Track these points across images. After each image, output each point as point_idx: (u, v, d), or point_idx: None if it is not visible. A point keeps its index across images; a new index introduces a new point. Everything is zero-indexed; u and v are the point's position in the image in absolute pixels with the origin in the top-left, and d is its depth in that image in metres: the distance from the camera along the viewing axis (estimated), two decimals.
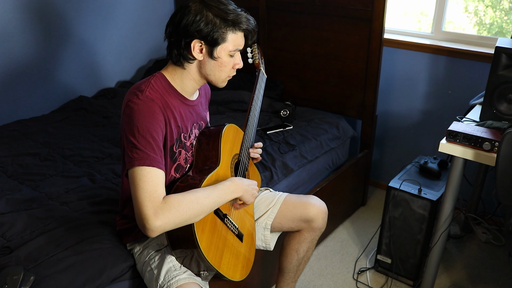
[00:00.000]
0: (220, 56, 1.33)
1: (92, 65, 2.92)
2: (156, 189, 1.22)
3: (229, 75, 1.40)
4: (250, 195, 1.45)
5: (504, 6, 2.54)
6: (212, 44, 1.30)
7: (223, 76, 1.39)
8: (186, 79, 1.38)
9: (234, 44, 1.33)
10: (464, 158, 1.68)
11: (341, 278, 2.23)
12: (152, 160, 1.23)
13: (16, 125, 2.44)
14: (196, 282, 1.35)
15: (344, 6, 2.51)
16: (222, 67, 1.35)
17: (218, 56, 1.33)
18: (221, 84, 1.41)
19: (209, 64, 1.34)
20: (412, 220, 2.07)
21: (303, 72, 2.82)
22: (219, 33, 1.29)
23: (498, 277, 2.24)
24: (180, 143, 1.40)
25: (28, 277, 1.27)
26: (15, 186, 1.84)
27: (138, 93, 1.29)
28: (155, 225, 1.18)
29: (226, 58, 1.34)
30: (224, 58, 1.34)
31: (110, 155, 2.15)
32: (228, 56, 1.34)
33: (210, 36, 1.29)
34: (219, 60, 1.34)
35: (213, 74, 1.36)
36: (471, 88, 2.45)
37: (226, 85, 1.43)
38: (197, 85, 1.41)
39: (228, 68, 1.37)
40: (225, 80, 1.40)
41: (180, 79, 1.38)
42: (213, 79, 1.38)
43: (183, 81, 1.38)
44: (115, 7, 2.94)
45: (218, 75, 1.37)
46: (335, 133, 2.52)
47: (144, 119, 1.25)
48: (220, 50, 1.32)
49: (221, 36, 1.30)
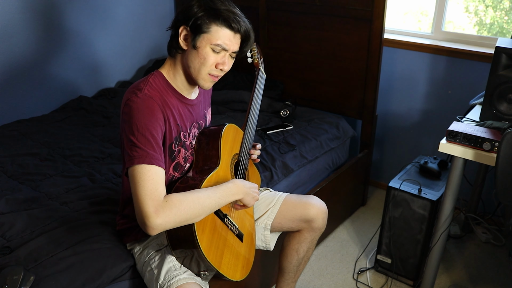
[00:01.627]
0: (200, 46, 1.30)
1: (92, 65, 2.92)
2: (157, 187, 1.22)
3: (210, 72, 1.33)
4: (251, 198, 1.45)
5: (505, 6, 2.54)
6: (195, 31, 1.29)
7: (203, 71, 1.33)
8: (178, 74, 1.38)
9: (217, 38, 1.29)
10: (464, 158, 1.68)
11: (341, 278, 2.23)
12: (152, 158, 1.23)
13: (16, 125, 2.44)
14: (196, 282, 1.35)
15: (344, 6, 2.51)
16: (201, 60, 1.30)
17: (199, 46, 1.30)
18: (202, 82, 1.35)
19: (191, 54, 1.32)
20: (412, 220, 2.07)
21: (303, 72, 2.82)
22: (203, 21, 1.28)
23: (498, 277, 2.24)
24: (179, 142, 1.40)
25: (28, 277, 1.27)
26: (15, 186, 1.84)
27: (137, 91, 1.29)
28: (156, 223, 1.18)
29: (207, 51, 1.30)
30: (205, 49, 1.30)
31: (110, 155, 2.15)
32: (210, 50, 1.30)
33: (194, 22, 1.28)
34: (199, 51, 1.30)
35: (192, 66, 1.32)
36: (471, 88, 2.45)
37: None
38: (189, 83, 1.40)
39: (209, 63, 1.31)
40: (205, 78, 1.34)
41: (175, 76, 1.38)
42: (192, 72, 1.33)
43: (177, 77, 1.38)
44: (115, 7, 2.94)
45: (197, 68, 1.32)
46: (335, 133, 2.52)
47: (143, 117, 1.25)
48: (201, 40, 1.29)
49: (205, 25, 1.28)
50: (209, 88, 1.41)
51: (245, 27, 1.33)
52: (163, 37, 3.32)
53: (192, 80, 1.38)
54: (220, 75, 1.37)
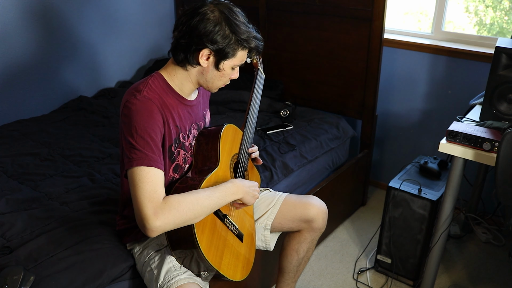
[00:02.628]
0: (224, 69, 1.36)
1: (92, 65, 2.92)
2: (156, 189, 1.22)
3: (224, 83, 1.43)
4: (251, 196, 1.45)
5: (505, 6, 2.54)
6: (222, 57, 1.33)
7: (220, 85, 1.43)
8: (185, 80, 1.38)
9: (240, 60, 1.38)
10: (464, 158, 1.68)
11: (341, 278, 2.23)
12: (151, 160, 1.24)
13: (16, 125, 2.44)
14: (196, 282, 1.35)
15: (344, 6, 2.51)
16: (222, 78, 1.39)
17: (223, 69, 1.36)
18: (214, 90, 1.45)
19: (211, 73, 1.36)
20: (412, 220, 2.07)
21: (303, 72, 2.82)
22: (231, 48, 1.32)
23: (498, 277, 2.24)
24: (178, 143, 1.40)
25: (28, 277, 1.28)
26: (15, 186, 1.84)
27: (136, 93, 1.29)
28: (155, 225, 1.18)
29: (228, 70, 1.38)
30: (227, 70, 1.37)
31: (110, 155, 2.15)
32: (230, 69, 1.38)
33: (222, 50, 1.31)
34: (222, 72, 1.37)
35: (211, 82, 1.39)
36: (471, 88, 2.45)
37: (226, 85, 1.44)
38: (194, 87, 1.43)
39: (227, 78, 1.41)
40: (219, 88, 1.44)
41: (179, 80, 1.38)
42: (209, 86, 1.41)
43: (182, 82, 1.39)
44: (115, 7, 2.94)
45: (216, 84, 1.41)
46: (335, 133, 2.52)
47: (142, 119, 1.25)
48: (226, 63, 1.35)
49: (232, 52, 1.33)
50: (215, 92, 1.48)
51: (262, 41, 1.40)
52: (163, 37, 3.32)
53: (201, 87, 1.46)
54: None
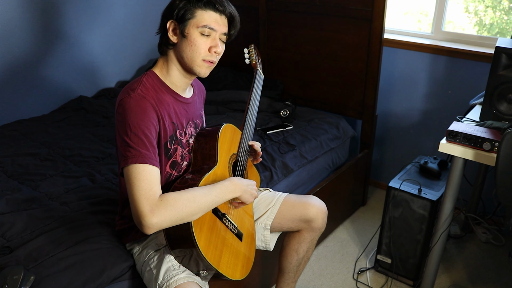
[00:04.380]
0: (189, 32, 1.32)
1: (92, 65, 2.92)
2: (152, 186, 1.22)
3: (204, 58, 1.34)
4: (249, 195, 1.45)
5: (504, 6, 2.54)
6: (181, 20, 1.31)
7: (197, 58, 1.33)
8: (173, 70, 1.38)
9: (203, 20, 1.31)
10: (464, 158, 1.68)
11: (341, 278, 2.23)
12: (145, 157, 1.24)
13: (16, 125, 2.44)
14: (196, 281, 1.35)
15: (344, 6, 2.51)
16: (193, 46, 1.32)
17: (187, 33, 1.32)
18: (198, 69, 1.35)
19: (182, 44, 1.33)
20: (412, 220, 2.07)
21: (303, 72, 2.82)
22: (187, 8, 1.31)
23: (498, 277, 2.24)
24: (175, 140, 1.41)
25: (28, 277, 1.28)
26: (15, 186, 1.84)
27: (130, 91, 1.30)
28: (151, 222, 1.19)
29: (196, 36, 1.31)
30: (194, 35, 1.31)
31: (110, 155, 2.15)
32: (199, 35, 1.32)
33: (179, 12, 1.31)
34: (189, 38, 1.32)
35: (185, 56, 1.33)
36: (471, 88, 2.45)
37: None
38: (184, 77, 1.40)
39: (202, 49, 1.32)
40: (200, 64, 1.34)
41: (168, 72, 1.39)
42: (187, 62, 1.34)
43: (170, 73, 1.39)
44: (115, 7, 2.94)
45: (190, 56, 1.33)
46: (335, 133, 2.52)
47: (136, 116, 1.26)
48: (189, 26, 1.32)
49: (189, 12, 1.31)
50: (206, 75, 1.39)
51: (229, 9, 1.36)
52: None
53: (188, 72, 1.39)
54: (215, 60, 1.38)
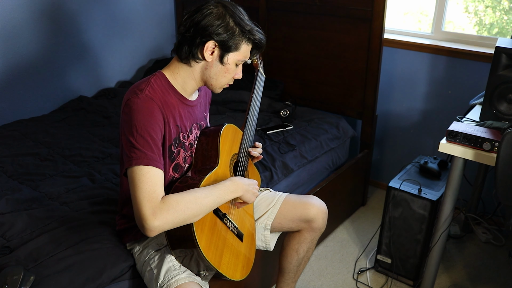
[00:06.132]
0: (228, 62, 1.36)
1: (92, 65, 2.92)
2: (155, 188, 1.22)
3: (228, 82, 1.43)
4: (251, 194, 1.45)
5: (504, 6, 2.54)
6: (226, 49, 1.33)
7: (223, 83, 1.42)
8: (189, 78, 1.39)
9: (244, 55, 1.38)
10: (464, 158, 1.68)
11: (341, 278, 2.23)
12: (150, 159, 1.24)
13: (16, 125, 2.44)
14: (196, 281, 1.35)
15: (344, 6, 2.51)
16: (226, 74, 1.39)
17: (227, 62, 1.36)
18: (218, 90, 1.43)
19: (216, 68, 1.36)
20: (412, 220, 2.07)
21: (303, 72, 2.82)
22: (235, 41, 1.33)
23: (498, 277, 2.24)
24: (179, 143, 1.41)
25: (28, 277, 1.27)
26: (15, 186, 1.84)
27: (138, 92, 1.29)
28: (154, 225, 1.18)
29: (232, 66, 1.38)
30: (231, 65, 1.37)
31: (110, 155, 2.15)
32: (234, 65, 1.38)
33: (226, 42, 1.32)
34: (227, 66, 1.37)
35: (215, 78, 1.39)
36: (471, 88, 2.45)
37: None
38: (197, 85, 1.43)
39: (231, 76, 1.41)
40: (223, 87, 1.43)
41: (182, 78, 1.38)
42: (213, 83, 1.40)
43: (185, 80, 1.39)
44: (115, 7, 2.94)
45: (219, 81, 1.40)
46: (335, 133, 2.52)
47: (143, 118, 1.26)
48: (230, 57, 1.35)
49: (236, 44, 1.34)
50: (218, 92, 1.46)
51: (264, 36, 1.40)
52: (163, 37, 3.32)
53: (204, 85, 1.43)
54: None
